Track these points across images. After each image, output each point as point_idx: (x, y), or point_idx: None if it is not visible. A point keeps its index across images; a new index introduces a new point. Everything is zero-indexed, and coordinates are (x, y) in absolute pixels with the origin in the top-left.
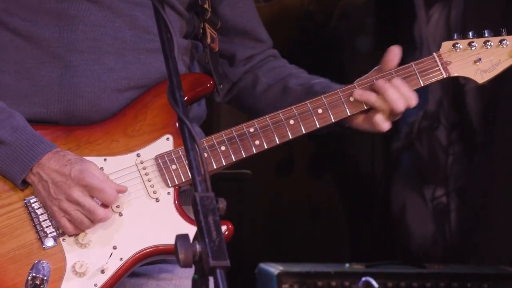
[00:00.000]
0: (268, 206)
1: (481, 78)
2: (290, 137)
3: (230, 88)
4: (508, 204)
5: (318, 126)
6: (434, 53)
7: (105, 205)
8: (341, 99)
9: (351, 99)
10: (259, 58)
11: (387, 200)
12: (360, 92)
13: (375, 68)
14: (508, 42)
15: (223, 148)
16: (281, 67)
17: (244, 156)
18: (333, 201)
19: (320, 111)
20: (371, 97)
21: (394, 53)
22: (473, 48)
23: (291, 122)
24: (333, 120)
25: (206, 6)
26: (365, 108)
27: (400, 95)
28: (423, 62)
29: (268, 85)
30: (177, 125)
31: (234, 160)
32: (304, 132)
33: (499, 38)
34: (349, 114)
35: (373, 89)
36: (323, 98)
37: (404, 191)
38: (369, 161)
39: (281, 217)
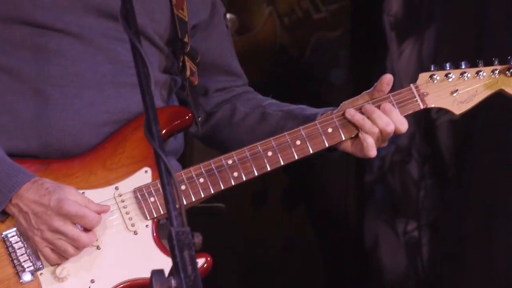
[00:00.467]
0: (243, 239)
1: (458, 109)
2: (269, 168)
3: (206, 119)
4: (480, 239)
5: (296, 157)
6: (411, 84)
7: (88, 230)
8: (319, 130)
9: (329, 130)
10: (235, 91)
11: (360, 232)
12: (352, 113)
13: (358, 96)
14: (484, 74)
15: (201, 180)
16: (259, 99)
17: (222, 188)
18: (306, 233)
19: (298, 142)
20: (362, 119)
21: (387, 81)
22: (450, 80)
23: (269, 153)
24: (311, 152)
25: (185, 39)
26: (343, 139)
27: (390, 119)
28: (401, 93)
29: (245, 113)
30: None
31: (212, 192)
32: (282, 163)
33: (476, 69)
34: (327, 145)
35: (363, 112)
36: (301, 129)
37: (376, 224)
38: (342, 193)
39: (255, 250)
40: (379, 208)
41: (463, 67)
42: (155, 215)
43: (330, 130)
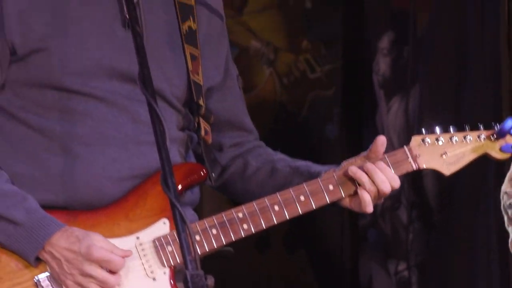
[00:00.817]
0: (250, 280)
1: (448, 170)
2: (275, 222)
3: (221, 173)
4: (462, 279)
5: (300, 212)
6: (405, 146)
7: (113, 272)
8: (321, 187)
9: (330, 187)
10: (247, 146)
11: (355, 272)
12: (354, 170)
13: (355, 156)
14: (471, 138)
15: (214, 231)
16: (268, 153)
17: (233, 239)
18: (306, 273)
19: (302, 198)
20: (363, 177)
21: (381, 142)
22: (440, 143)
23: (276, 208)
24: (314, 207)
25: (200, 102)
26: (343, 196)
27: (386, 177)
28: (395, 155)
29: (257, 168)
30: None
31: (224, 243)
32: (287, 217)
33: (463, 133)
34: (328, 201)
35: (363, 170)
36: (304, 186)
37: (370, 265)
38: (338, 237)
39: None
40: (372, 250)
41: (452, 131)
42: (172, 263)
43: (331, 187)
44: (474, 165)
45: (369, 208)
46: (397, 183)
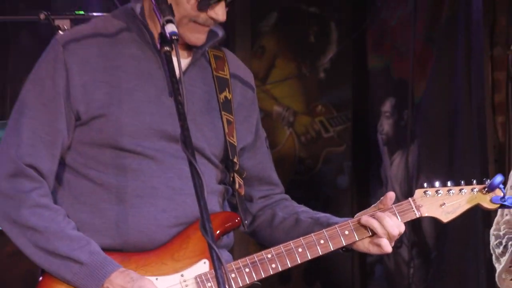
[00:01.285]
0: None
1: (446, 218)
2: (299, 261)
3: (252, 221)
4: None
5: (320, 253)
6: (410, 198)
7: None
8: (338, 232)
9: (346, 232)
10: (275, 198)
11: None
12: (366, 219)
13: (367, 209)
14: (465, 191)
15: (247, 270)
16: (293, 206)
17: (263, 276)
18: None
19: (322, 241)
20: (374, 223)
21: (390, 197)
22: (439, 195)
23: (300, 250)
24: (332, 249)
25: (235, 160)
26: (357, 239)
27: (393, 223)
28: (402, 205)
29: (283, 218)
30: None
31: (255, 279)
32: (309, 258)
33: (459, 187)
34: (344, 244)
35: (374, 218)
36: (324, 232)
37: None
38: (349, 272)
39: None
40: (379, 283)
41: (449, 185)
42: None
43: (346, 232)
44: None
45: (388, 249)
46: (402, 228)
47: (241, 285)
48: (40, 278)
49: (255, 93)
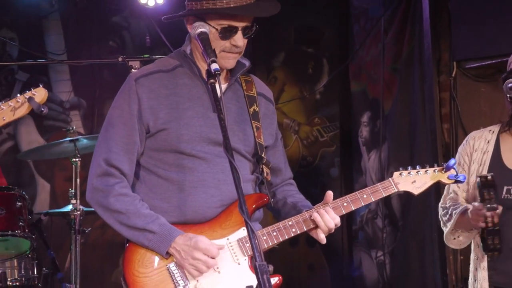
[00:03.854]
0: (288, 262)
1: (416, 191)
2: (305, 229)
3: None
4: (415, 259)
5: (298, 232)
6: (390, 178)
7: (212, 258)
8: (300, 220)
9: (304, 221)
10: (283, 183)
11: (351, 258)
12: (314, 215)
13: (328, 201)
14: (429, 171)
15: (274, 233)
16: (288, 190)
17: (286, 237)
18: (320, 258)
19: (290, 223)
20: (317, 218)
21: (329, 195)
22: (411, 175)
23: (303, 220)
24: (304, 229)
25: (263, 155)
26: (305, 229)
27: (329, 217)
28: (384, 183)
29: (278, 200)
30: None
31: (281, 240)
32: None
33: (425, 169)
34: (304, 229)
35: (318, 213)
36: (305, 213)
37: (360, 253)
38: (340, 236)
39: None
40: (361, 244)
41: (418, 168)
42: (249, 253)
43: (304, 221)
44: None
45: (323, 241)
46: (338, 221)
47: (270, 244)
48: (127, 245)
49: (274, 107)
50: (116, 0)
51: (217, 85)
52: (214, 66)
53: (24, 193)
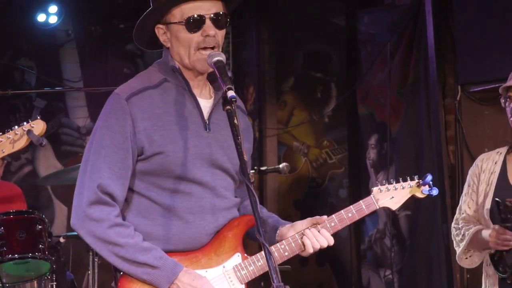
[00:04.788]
0: (299, 281)
1: (394, 206)
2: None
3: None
4: (422, 279)
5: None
6: (371, 195)
7: None
8: (296, 237)
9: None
10: (245, 197)
11: (359, 277)
12: (306, 243)
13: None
14: (404, 186)
15: (286, 253)
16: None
17: (296, 254)
18: (330, 277)
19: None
20: (305, 240)
21: (323, 221)
22: (389, 191)
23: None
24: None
25: (250, 173)
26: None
27: (322, 237)
28: (366, 200)
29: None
30: (241, 246)
31: (291, 255)
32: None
33: (401, 184)
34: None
35: (309, 236)
36: (296, 235)
37: (368, 272)
38: (348, 255)
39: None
40: (370, 263)
41: (394, 183)
42: (245, 281)
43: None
44: (427, 210)
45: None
46: (331, 241)
47: (280, 261)
48: (119, 276)
49: (248, 118)
50: (130, 29)
51: (203, 101)
52: (231, 93)
53: (43, 216)
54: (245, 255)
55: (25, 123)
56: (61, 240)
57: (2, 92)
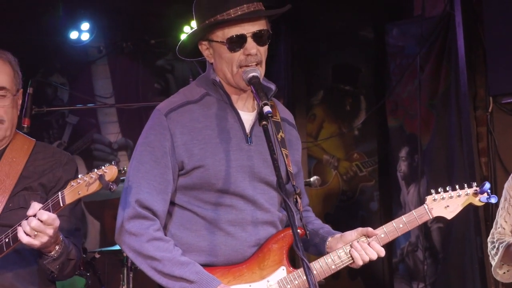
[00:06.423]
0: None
1: (449, 216)
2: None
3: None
4: None
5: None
6: (424, 205)
7: None
8: (344, 250)
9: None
10: (303, 210)
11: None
12: (355, 255)
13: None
14: (461, 194)
15: (314, 271)
16: (308, 217)
17: (331, 273)
18: None
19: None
20: (354, 253)
21: (374, 234)
22: (444, 200)
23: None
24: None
25: (295, 185)
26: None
27: (373, 250)
28: (419, 210)
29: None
30: (286, 259)
31: (327, 275)
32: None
33: (457, 192)
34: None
35: (358, 249)
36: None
37: (401, 285)
38: (381, 269)
39: None
40: (402, 276)
41: (449, 191)
42: None
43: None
44: (460, 223)
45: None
46: (382, 254)
47: (321, 278)
48: None
49: (297, 131)
50: (160, 45)
51: (246, 113)
52: (266, 109)
53: None
54: (291, 268)
55: (101, 166)
56: (96, 256)
57: (38, 109)
